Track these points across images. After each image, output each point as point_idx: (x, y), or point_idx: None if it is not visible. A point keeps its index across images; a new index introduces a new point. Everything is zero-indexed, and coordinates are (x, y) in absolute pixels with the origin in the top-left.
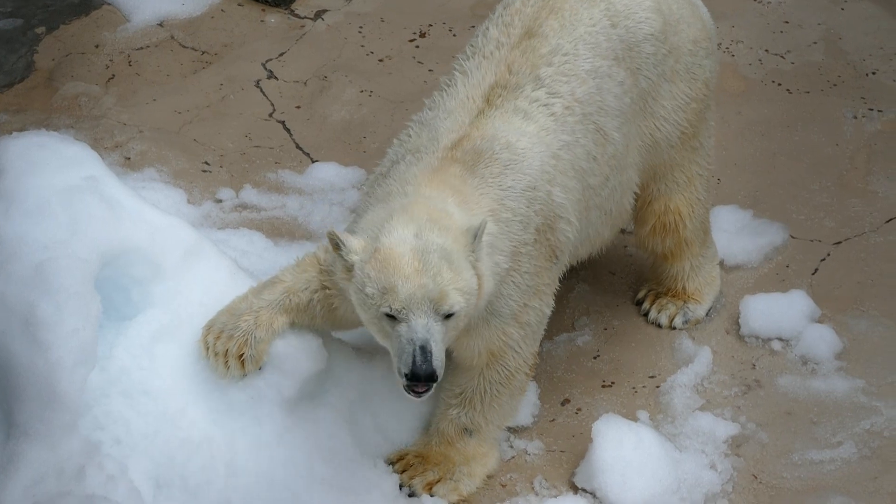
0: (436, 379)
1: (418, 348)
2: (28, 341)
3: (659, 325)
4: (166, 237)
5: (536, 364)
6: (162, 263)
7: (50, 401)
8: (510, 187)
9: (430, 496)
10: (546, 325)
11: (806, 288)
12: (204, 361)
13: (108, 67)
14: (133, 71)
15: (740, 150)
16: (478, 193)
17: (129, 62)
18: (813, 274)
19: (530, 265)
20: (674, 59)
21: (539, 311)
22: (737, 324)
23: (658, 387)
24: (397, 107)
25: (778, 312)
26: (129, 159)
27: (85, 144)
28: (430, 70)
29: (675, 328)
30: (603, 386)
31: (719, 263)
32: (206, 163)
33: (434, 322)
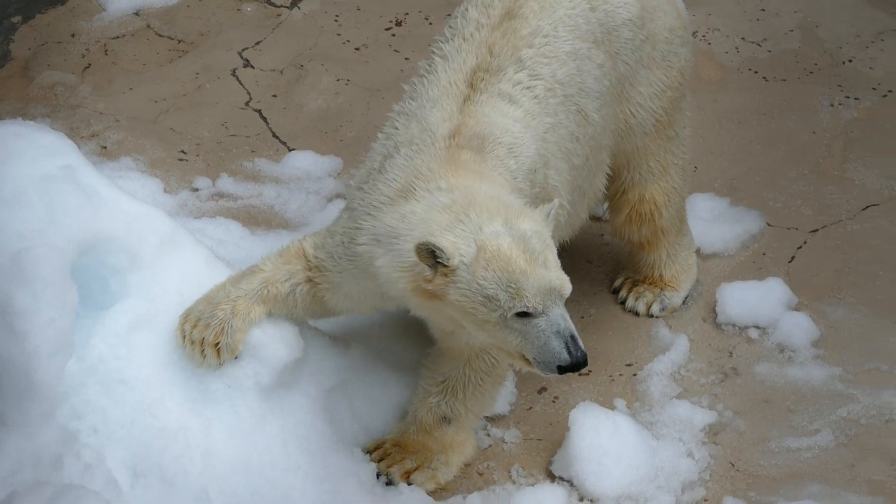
0: (585, 365)
1: (569, 338)
2: (4, 331)
3: (636, 313)
4: (143, 226)
5: None
6: (139, 252)
7: (27, 390)
8: (515, 169)
9: (408, 484)
10: None
11: (783, 276)
12: (180, 350)
13: (85, 56)
14: (109, 60)
15: (717, 138)
16: (496, 175)
17: (106, 51)
18: (790, 262)
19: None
20: (650, 46)
21: None
22: (713, 312)
23: (635, 375)
24: (374, 95)
25: (755, 300)
26: (106, 148)
27: (61, 134)
28: (407, 58)
29: (653, 315)
30: (580, 374)
31: (696, 251)
32: (183, 152)
33: (562, 308)
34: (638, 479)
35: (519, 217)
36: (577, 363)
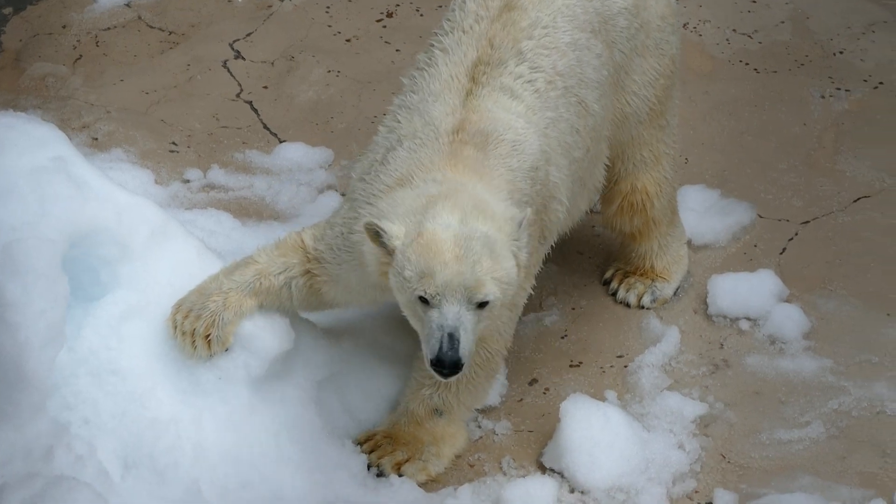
0: (461, 367)
1: (446, 335)
2: None
3: (627, 304)
4: (134, 217)
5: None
6: (129, 244)
7: (18, 382)
8: (517, 168)
9: (399, 476)
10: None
11: (774, 267)
12: (171, 340)
13: (76, 48)
14: (100, 51)
15: (708, 130)
16: (496, 175)
17: (97, 43)
18: (781, 253)
19: (528, 246)
20: (644, 35)
21: (525, 293)
22: (704, 303)
23: (626, 367)
24: (364, 87)
25: (746, 292)
26: (97, 140)
27: (52, 125)
28: (398, 50)
29: (644, 307)
30: (571, 366)
31: (687, 243)
32: (174, 143)
33: (466, 310)
34: (629, 471)
35: (479, 218)
36: (442, 360)
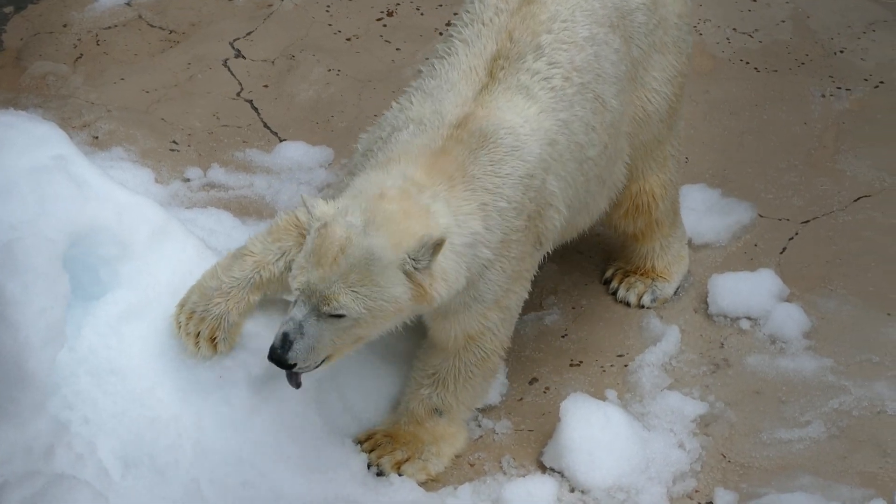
0: (288, 368)
1: (282, 333)
2: None
3: (627, 304)
4: (134, 216)
5: (509, 347)
6: (130, 243)
7: (18, 380)
8: (508, 174)
9: (399, 475)
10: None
11: (774, 267)
12: (174, 339)
13: (77, 47)
14: (101, 50)
15: (708, 129)
16: (475, 183)
17: (97, 41)
18: (781, 253)
19: (517, 251)
20: (662, 31)
21: (519, 296)
22: (705, 303)
23: (626, 366)
24: (365, 86)
25: (746, 291)
26: (97, 139)
27: (53, 124)
28: (398, 49)
29: (644, 306)
30: (571, 365)
31: (687, 242)
32: (174, 142)
33: (315, 318)
34: (629, 471)
35: (383, 230)
36: (272, 355)
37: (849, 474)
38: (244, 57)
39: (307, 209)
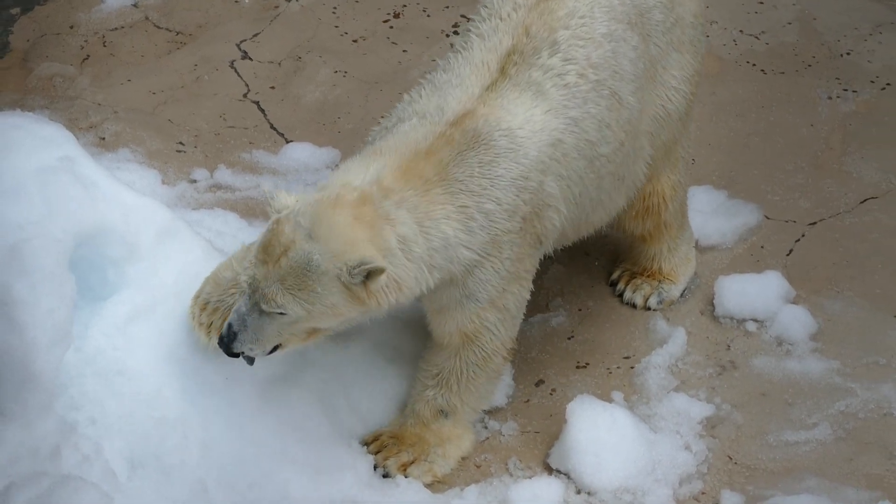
0: (234, 356)
1: (228, 323)
2: (3, 322)
3: (634, 305)
4: (141, 217)
5: (515, 349)
6: (137, 244)
7: (25, 381)
8: (499, 176)
9: (405, 477)
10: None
11: (781, 269)
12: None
13: (83, 48)
14: (108, 52)
15: (715, 131)
16: (455, 186)
17: (104, 43)
18: (788, 255)
19: (512, 252)
20: (679, 30)
21: (518, 296)
22: (711, 304)
23: (632, 368)
24: (371, 87)
25: (752, 293)
26: (104, 140)
27: (60, 125)
28: (405, 51)
29: (650, 308)
30: (577, 367)
31: (694, 244)
32: (181, 143)
33: (258, 313)
34: (635, 472)
35: (330, 236)
36: (219, 342)
37: (855, 476)
38: (251, 58)
39: (268, 200)
